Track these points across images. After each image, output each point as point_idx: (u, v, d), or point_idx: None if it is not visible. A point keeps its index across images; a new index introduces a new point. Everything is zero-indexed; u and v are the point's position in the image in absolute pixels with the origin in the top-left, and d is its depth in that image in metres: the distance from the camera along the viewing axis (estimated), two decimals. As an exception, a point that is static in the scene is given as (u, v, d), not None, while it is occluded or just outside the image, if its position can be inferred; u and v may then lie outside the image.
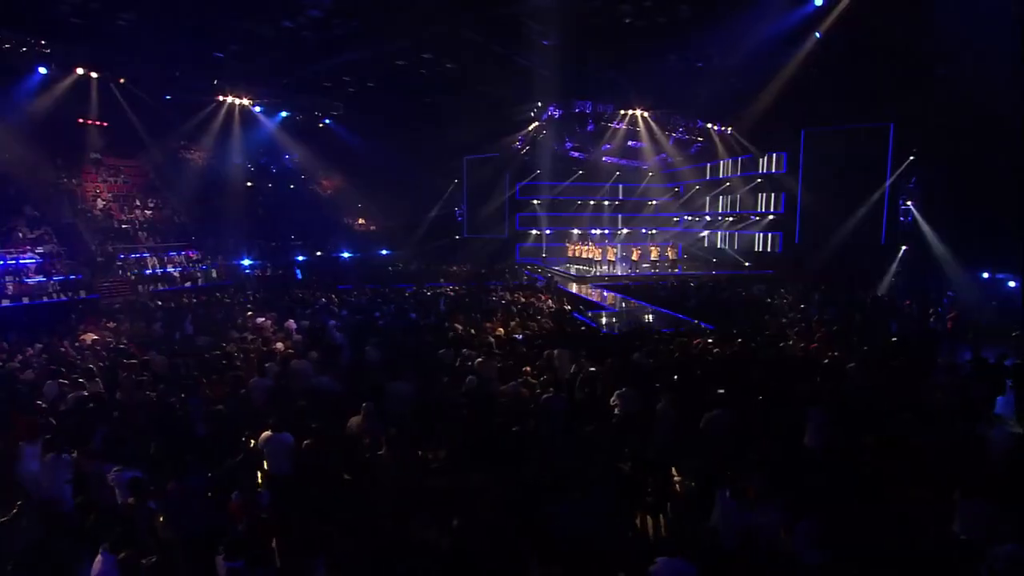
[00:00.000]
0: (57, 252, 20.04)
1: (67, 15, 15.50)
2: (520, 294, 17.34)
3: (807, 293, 17.30)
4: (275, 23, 16.88)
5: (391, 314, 13.36)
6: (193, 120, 23.37)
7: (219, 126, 23.71)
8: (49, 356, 10.06)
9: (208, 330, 12.53)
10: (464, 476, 5.16)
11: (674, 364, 8.85)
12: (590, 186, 30.64)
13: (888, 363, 8.89)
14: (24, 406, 7.16)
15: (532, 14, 15.50)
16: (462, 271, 25.25)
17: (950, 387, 7.79)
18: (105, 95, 21.64)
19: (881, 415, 6.67)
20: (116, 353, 10.00)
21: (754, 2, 14.38)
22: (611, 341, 10.59)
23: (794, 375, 8.58)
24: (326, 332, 10.89)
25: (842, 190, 22.20)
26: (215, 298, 18.57)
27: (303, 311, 13.97)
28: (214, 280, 22.52)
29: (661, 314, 15.13)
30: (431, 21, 16.23)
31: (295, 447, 5.84)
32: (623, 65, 18.34)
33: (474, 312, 12.97)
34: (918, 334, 12.17)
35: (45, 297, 17.76)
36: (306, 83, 22.80)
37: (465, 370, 8.04)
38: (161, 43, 17.72)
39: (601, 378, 7.64)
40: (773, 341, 10.40)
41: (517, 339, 10.18)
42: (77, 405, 6.86)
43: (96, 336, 11.52)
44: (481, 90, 22.74)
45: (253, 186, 28.80)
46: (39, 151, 22.84)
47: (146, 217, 24.88)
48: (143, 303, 17.08)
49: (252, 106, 23.33)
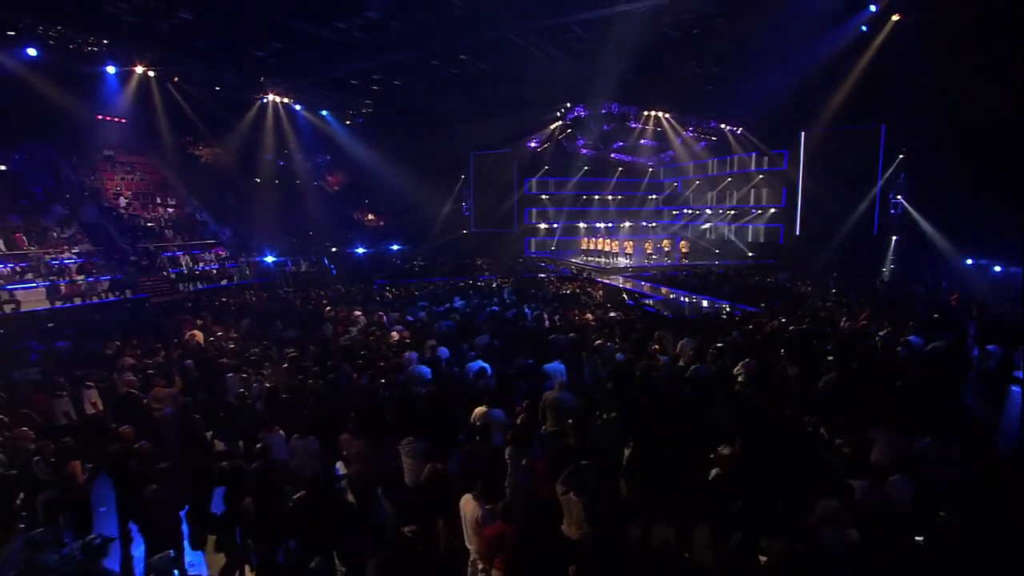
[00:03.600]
0: (92, 252, 19.90)
1: (123, 13, 15.58)
2: (568, 285, 18.45)
3: (823, 280, 19.09)
4: (328, 24, 17.32)
5: (499, 305, 14.07)
6: (242, 117, 23.38)
7: (250, 123, 23.78)
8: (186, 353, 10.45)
9: (297, 325, 13.06)
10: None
11: (763, 340, 10.19)
12: (596, 181, 31.97)
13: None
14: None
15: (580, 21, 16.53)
16: (487, 264, 26.12)
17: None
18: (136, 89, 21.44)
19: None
20: (264, 348, 10.53)
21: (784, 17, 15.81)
22: (695, 323, 11.85)
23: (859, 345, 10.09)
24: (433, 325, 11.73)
25: (839, 185, 24.18)
26: (276, 294, 18.87)
27: (386, 304, 14.65)
28: (247, 277, 22.69)
29: (704, 300, 16.54)
30: (482, 25, 17.03)
31: (509, 421, 6.84)
32: (655, 70, 19.60)
33: (556, 302, 14.00)
34: (942, 311, 13.92)
35: (95, 298, 17.75)
36: (335, 80, 23.12)
37: (604, 351, 9.14)
38: (211, 41, 17.85)
39: (729, 351, 8.90)
40: (831, 320, 11.93)
41: (617, 322, 11.30)
42: (293, 394, 7.54)
43: (200, 334, 11.90)
44: (506, 89, 23.60)
45: (268, 183, 28.75)
46: (57, 148, 22.51)
47: (169, 215, 24.71)
48: (241, 302, 17.28)
49: (292, 104, 23.46)
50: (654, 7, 14.64)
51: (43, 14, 14.67)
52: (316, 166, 31.44)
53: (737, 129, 25.10)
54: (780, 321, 11.39)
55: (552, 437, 6.64)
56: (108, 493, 6.24)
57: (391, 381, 7.96)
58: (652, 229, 30.73)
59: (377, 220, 33.56)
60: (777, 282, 19.25)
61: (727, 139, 26.28)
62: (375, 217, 33.71)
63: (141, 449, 5.81)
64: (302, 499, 5.09)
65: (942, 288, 17.87)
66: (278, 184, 29.38)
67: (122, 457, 5.82)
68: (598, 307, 13.99)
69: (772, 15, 14.59)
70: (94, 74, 18.17)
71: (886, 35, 16.31)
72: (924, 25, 16.59)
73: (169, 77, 19.63)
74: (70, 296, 17.21)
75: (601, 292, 17.42)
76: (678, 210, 32.51)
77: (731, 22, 16.38)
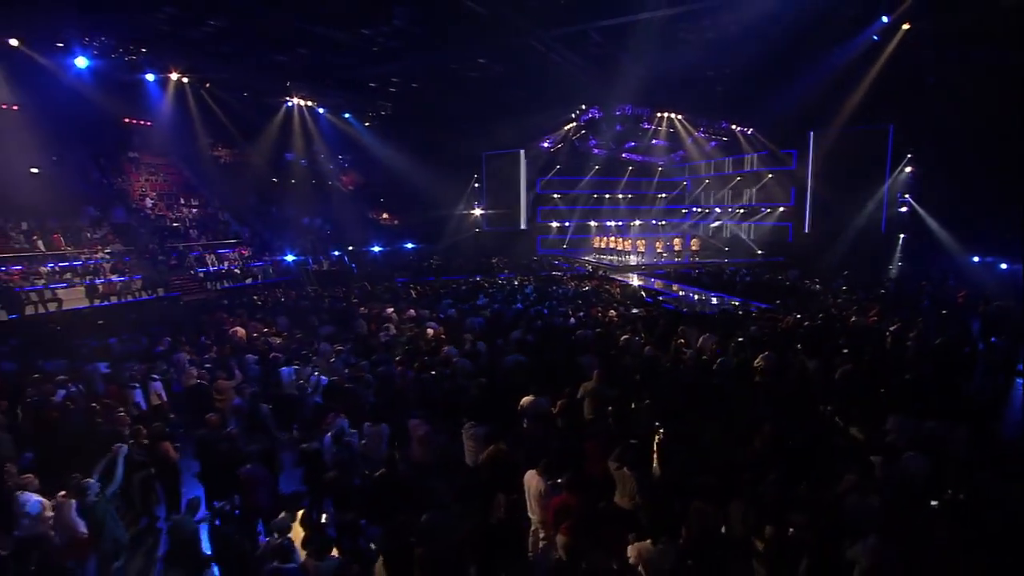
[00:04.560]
0: (123, 251, 20.62)
1: (161, 23, 16.26)
2: (587, 282, 19.06)
3: (832, 278, 19.65)
4: (353, 31, 17.95)
5: (523, 302, 14.75)
6: (268, 119, 24.15)
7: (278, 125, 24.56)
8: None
9: (330, 322, 13.72)
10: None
11: (780, 334, 10.81)
12: (607, 180, 32.56)
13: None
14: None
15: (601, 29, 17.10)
16: (503, 263, 26.75)
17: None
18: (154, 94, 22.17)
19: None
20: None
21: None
22: (715, 319, 12.45)
23: (871, 339, 10.70)
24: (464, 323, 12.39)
25: (847, 185, 24.69)
26: (305, 292, 19.56)
27: (412, 302, 15.30)
28: (271, 276, 23.38)
29: (717, 297, 17.16)
30: (504, 33, 17.62)
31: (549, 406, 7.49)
32: (670, 73, 20.16)
33: (578, 299, 14.63)
34: (950, 307, 14.48)
35: (130, 296, 18.47)
36: (354, 83, 23.76)
37: (633, 346, 9.78)
38: (239, 48, 18.51)
39: (749, 345, 9.52)
40: (842, 315, 12.53)
41: (640, 318, 11.92)
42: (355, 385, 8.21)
43: (243, 331, 12.57)
44: (521, 91, 24.18)
45: (286, 183, 29.43)
46: (84, 151, 23.25)
47: (193, 215, 25.42)
48: (274, 300, 17.99)
49: (316, 107, 24.13)
50: (674, 15, 15.17)
51: (88, 25, 15.36)
52: (337, 167, 32.10)
53: (748, 129, 25.63)
54: (795, 317, 11.99)
55: (593, 423, 7.31)
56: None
57: (440, 374, 8.60)
58: (662, 227, 31.31)
59: (391, 219, 34.21)
60: (788, 280, 19.80)
61: (737, 139, 26.80)
62: (389, 216, 34.36)
63: (231, 434, 6.48)
64: (382, 476, 5.73)
65: (949, 285, 18.40)
66: (295, 184, 30.10)
67: (212, 441, 6.48)
68: (619, 303, 14.61)
69: (787, 27, 15.08)
70: (134, 81, 18.84)
71: (897, 43, 16.78)
72: (932, 31, 17.14)
73: (202, 83, 20.29)
74: (107, 295, 17.94)
75: (618, 289, 18.05)
76: (688, 209, 33.09)
77: (745, 30, 16.91)
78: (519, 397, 7.61)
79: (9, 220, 19.07)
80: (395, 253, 30.51)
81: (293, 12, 16.56)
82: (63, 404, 7.84)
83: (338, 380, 8.51)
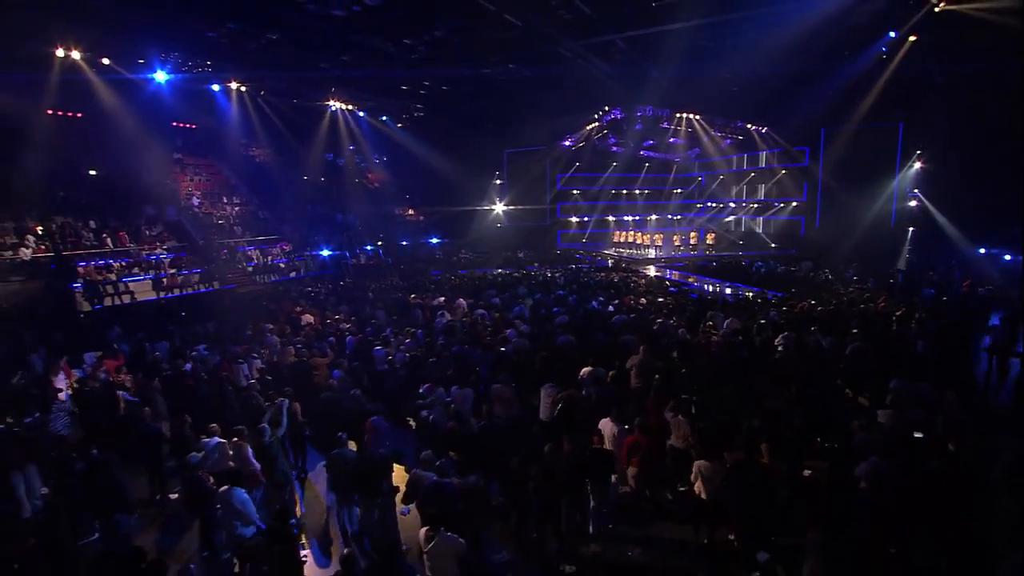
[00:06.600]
0: (178, 247, 22.22)
1: (222, 36, 17.72)
2: (615, 273, 20.40)
3: (843, 270, 20.86)
4: (397, 41, 19.29)
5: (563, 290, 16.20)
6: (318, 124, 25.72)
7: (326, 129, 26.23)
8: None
9: (385, 310, 15.20)
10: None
11: (797, 317, 12.13)
12: (625, 176, 33.79)
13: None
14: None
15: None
16: (528, 256, 28.13)
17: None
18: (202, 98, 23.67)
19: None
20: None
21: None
22: (737, 304, 13.77)
23: (879, 322, 12.01)
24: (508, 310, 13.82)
25: (858, 180, 25.78)
26: (349, 283, 21.07)
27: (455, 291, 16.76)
28: (312, 270, 24.91)
29: (736, 287, 18.46)
30: (536, 42, 18.89)
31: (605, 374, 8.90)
32: (691, 76, 21.35)
33: (611, 289, 16.02)
34: (954, 295, 15.68)
35: (190, 288, 20.06)
36: (389, 87, 25.13)
37: (668, 327, 11.16)
38: (287, 57, 19.95)
39: (770, 327, 10.87)
40: (853, 302, 13.83)
41: (669, 304, 13.27)
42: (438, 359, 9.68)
43: (312, 317, 14.09)
44: (547, 94, 25.44)
45: (316, 180, 30.95)
46: (137, 154, 24.82)
47: (235, 213, 26.99)
48: (328, 290, 19.58)
49: (357, 111, 25.60)
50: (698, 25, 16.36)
51: (162, 42, 16.90)
52: (369, 166, 33.62)
53: (762, 128, 26.76)
54: (809, 303, 13.29)
55: (640, 389, 8.75)
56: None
57: (507, 351, 10.04)
58: (678, 222, 32.55)
59: (416, 215, 35.66)
60: (801, 271, 21.03)
61: (752, 137, 27.92)
62: (414, 212, 35.81)
63: (357, 395, 7.97)
64: (487, 426, 7.17)
65: (954, 276, 19.56)
66: (328, 182, 31.64)
67: (336, 400, 7.96)
68: (648, 292, 15.98)
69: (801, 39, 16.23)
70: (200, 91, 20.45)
71: (904, 52, 17.87)
72: (938, 43, 18.21)
73: (257, 91, 21.81)
74: (171, 287, 19.54)
75: (643, 280, 19.38)
76: (703, 203, 34.27)
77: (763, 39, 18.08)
78: (574, 369, 9.05)
79: (79, 219, 20.70)
80: (420, 247, 32.01)
81: (344, 25, 17.93)
82: (195, 374, 9.36)
83: (420, 357, 9.97)
